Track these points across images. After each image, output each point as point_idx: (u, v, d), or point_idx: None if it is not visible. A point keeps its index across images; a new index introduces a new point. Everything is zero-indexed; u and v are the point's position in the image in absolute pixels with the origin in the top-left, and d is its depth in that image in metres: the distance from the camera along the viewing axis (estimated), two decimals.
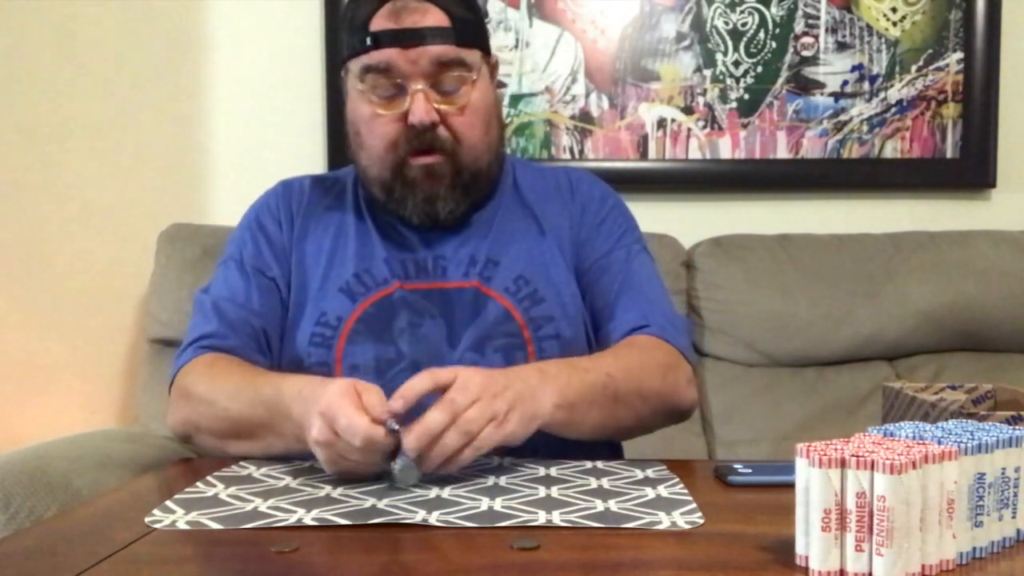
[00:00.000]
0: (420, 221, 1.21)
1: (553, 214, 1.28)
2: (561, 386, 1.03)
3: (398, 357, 1.17)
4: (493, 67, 1.25)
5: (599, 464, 1.04)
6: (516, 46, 2.08)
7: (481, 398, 0.93)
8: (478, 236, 1.24)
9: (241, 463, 1.06)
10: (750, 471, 0.97)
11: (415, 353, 1.17)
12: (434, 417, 0.91)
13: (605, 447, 1.22)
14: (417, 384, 0.94)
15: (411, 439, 0.90)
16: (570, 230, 1.27)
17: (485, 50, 1.21)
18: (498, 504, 0.86)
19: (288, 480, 0.96)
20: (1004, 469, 0.71)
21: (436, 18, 1.15)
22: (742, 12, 2.09)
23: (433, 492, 0.90)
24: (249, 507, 0.86)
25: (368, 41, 1.15)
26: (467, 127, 1.18)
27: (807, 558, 0.67)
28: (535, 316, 1.19)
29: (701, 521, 0.81)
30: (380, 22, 1.15)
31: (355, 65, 1.18)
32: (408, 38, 1.14)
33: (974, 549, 0.70)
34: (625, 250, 1.27)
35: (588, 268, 1.25)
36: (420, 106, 1.14)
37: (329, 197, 1.30)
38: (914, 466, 0.64)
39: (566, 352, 1.18)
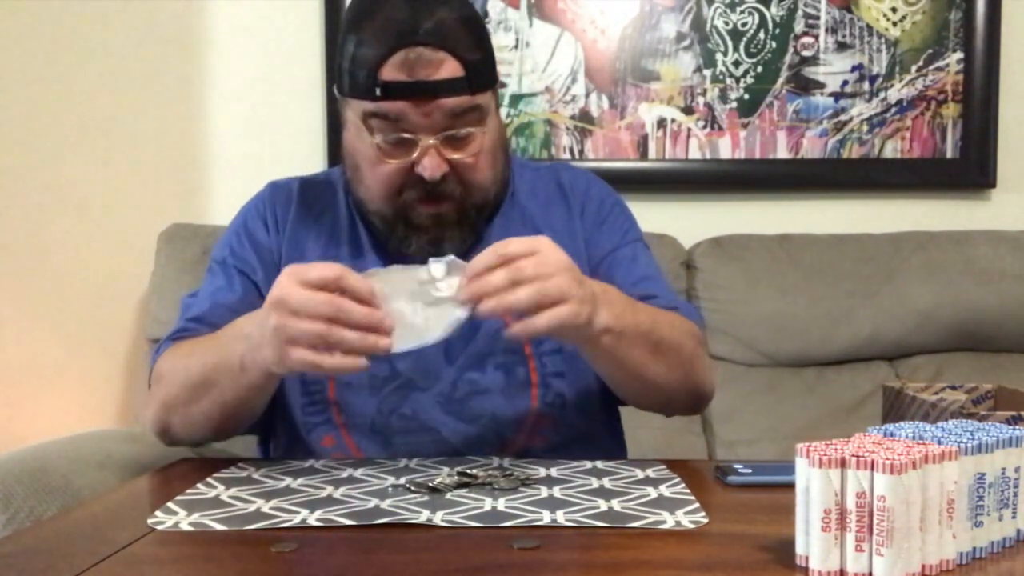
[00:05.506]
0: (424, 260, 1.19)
1: (556, 223, 1.24)
2: (617, 312, 1.02)
3: (392, 375, 1.15)
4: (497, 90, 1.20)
5: (599, 464, 1.04)
6: (516, 46, 2.08)
7: (560, 272, 0.95)
8: (475, 250, 1.21)
9: (240, 464, 1.06)
10: (750, 471, 0.97)
11: (410, 369, 1.15)
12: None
13: (607, 444, 1.22)
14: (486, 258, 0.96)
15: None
16: (581, 231, 1.24)
17: (495, 82, 1.16)
18: (502, 504, 0.86)
19: (289, 481, 0.96)
20: (1004, 469, 0.71)
21: (451, 68, 1.07)
22: (742, 12, 2.09)
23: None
24: (252, 508, 0.86)
25: (377, 91, 1.08)
26: (478, 174, 1.14)
27: (807, 558, 0.67)
28: None
29: (706, 520, 0.81)
30: (391, 72, 1.07)
31: (357, 105, 1.12)
32: (421, 92, 1.07)
33: (974, 549, 0.70)
34: (631, 247, 1.25)
35: (597, 264, 1.22)
36: (431, 162, 1.09)
37: (320, 203, 1.25)
38: (914, 466, 0.64)
39: (569, 365, 1.17)
